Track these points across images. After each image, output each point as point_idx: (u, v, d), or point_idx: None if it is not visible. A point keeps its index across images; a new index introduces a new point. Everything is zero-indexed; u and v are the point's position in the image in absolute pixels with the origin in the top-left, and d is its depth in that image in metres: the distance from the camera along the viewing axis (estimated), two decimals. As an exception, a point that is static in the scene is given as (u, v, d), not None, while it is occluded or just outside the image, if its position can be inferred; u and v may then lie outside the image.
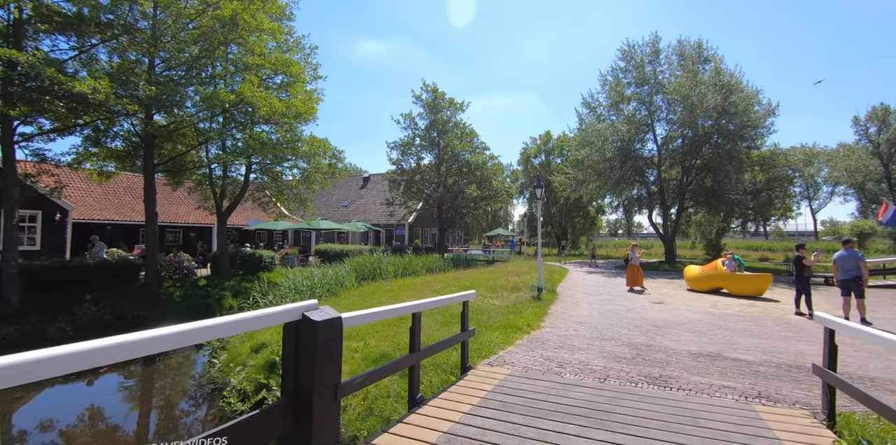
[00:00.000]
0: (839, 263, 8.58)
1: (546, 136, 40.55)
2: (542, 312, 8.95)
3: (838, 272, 8.60)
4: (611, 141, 23.92)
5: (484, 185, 26.64)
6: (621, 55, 25.75)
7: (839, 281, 8.62)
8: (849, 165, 43.81)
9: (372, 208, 34.68)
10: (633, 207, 28.16)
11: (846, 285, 8.53)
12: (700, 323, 8.24)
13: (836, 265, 8.64)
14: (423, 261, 18.69)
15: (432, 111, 27.05)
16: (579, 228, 43.37)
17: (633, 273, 13.40)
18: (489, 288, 12.28)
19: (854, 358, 6.00)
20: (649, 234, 72.81)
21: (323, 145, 14.84)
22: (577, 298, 11.50)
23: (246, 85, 10.92)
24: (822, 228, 67.13)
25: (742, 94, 21.83)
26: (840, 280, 8.58)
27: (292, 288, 10.90)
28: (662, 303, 10.86)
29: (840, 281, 8.59)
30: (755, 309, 10.11)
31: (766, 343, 6.76)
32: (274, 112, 11.41)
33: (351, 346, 6.14)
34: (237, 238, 28.36)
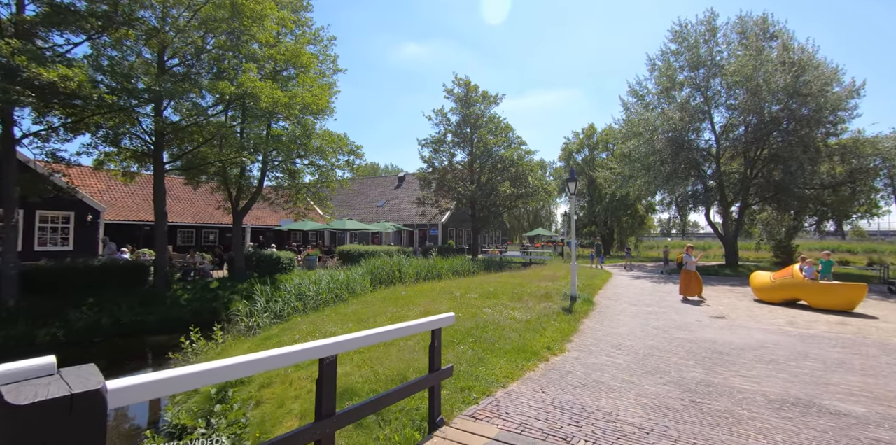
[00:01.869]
0: None
1: (590, 130, 38.06)
2: (570, 329, 7.44)
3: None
4: (661, 131, 21.60)
5: (519, 182, 24.97)
6: (672, 36, 23.29)
7: None
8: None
9: (406, 208, 33.92)
10: (688, 204, 25.46)
11: None
12: (776, 349, 6.43)
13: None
14: (450, 264, 17.46)
15: (465, 105, 25.74)
16: (627, 228, 40.43)
17: (688, 279, 11.48)
18: (515, 295, 10.85)
19: None
20: (706, 234, 67.67)
21: (339, 140, 13.98)
22: (618, 310, 9.82)
23: (246, 75, 10.20)
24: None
25: (817, 72, 18.91)
26: None
27: (295, 294, 10.04)
28: (724, 318, 8.98)
29: None
30: (848, 328, 8.03)
31: (874, 383, 4.95)
32: (276, 104, 10.63)
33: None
34: (273, 239, 28.48)
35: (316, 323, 7.95)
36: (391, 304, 9.65)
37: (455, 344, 5.95)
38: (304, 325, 7.78)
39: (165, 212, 12.10)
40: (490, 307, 9.17)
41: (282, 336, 7.14)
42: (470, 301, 10.04)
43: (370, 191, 39.75)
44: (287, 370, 5.15)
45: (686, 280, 11.45)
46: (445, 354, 5.44)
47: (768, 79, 18.98)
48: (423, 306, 9.22)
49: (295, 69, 12.30)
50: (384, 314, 8.49)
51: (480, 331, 6.74)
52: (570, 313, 8.78)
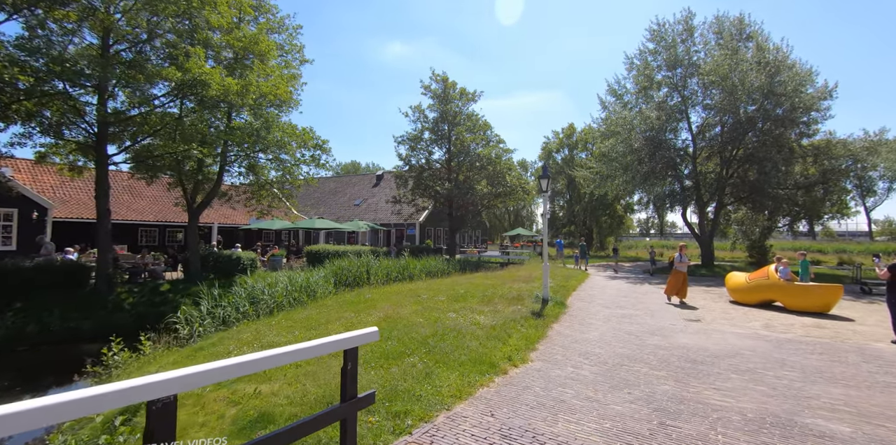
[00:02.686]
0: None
1: (569, 130, 37.93)
2: (537, 336, 6.91)
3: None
4: (638, 130, 21.42)
5: (497, 181, 24.50)
6: (650, 36, 23.14)
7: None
8: (913, 158, 39.23)
9: (383, 207, 33.17)
10: (665, 204, 25.39)
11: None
12: (752, 356, 6.02)
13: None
14: (423, 264, 16.84)
15: (442, 102, 25.12)
16: (606, 228, 40.50)
17: (677, 280, 10.88)
18: (484, 298, 10.31)
19: None
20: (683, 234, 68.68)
21: (304, 134, 13.20)
22: (591, 313, 9.36)
23: (193, 61, 9.38)
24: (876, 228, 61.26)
25: (791, 73, 18.95)
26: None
27: (246, 297, 9.26)
28: (699, 321, 8.60)
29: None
30: (825, 331, 7.73)
31: (858, 396, 4.54)
32: (228, 92, 9.82)
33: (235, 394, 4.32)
34: (242, 238, 27.35)
35: (261, 331, 7.24)
36: (350, 309, 8.98)
37: (405, 356, 5.34)
38: (246, 333, 7.07)
39: (108, 209, 11.14)
40: (456, 311, 8.60)
41: (217, 346, 6.42)
42: (436, 304, 9.44)
43: (347, 190, 38.83)
44: (206, 388, 4.47)
45: (676, 281, 10.87)
46: (390, 368, 4.83)
47: (744, 78, 18.94)
48: (383, 311, 8.58)
49: (254, 57, 11.48)
50: (339, 320, 7.82)
51: (437, 340, 6.14)
52: (539, 317, 8.27)
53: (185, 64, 9.45)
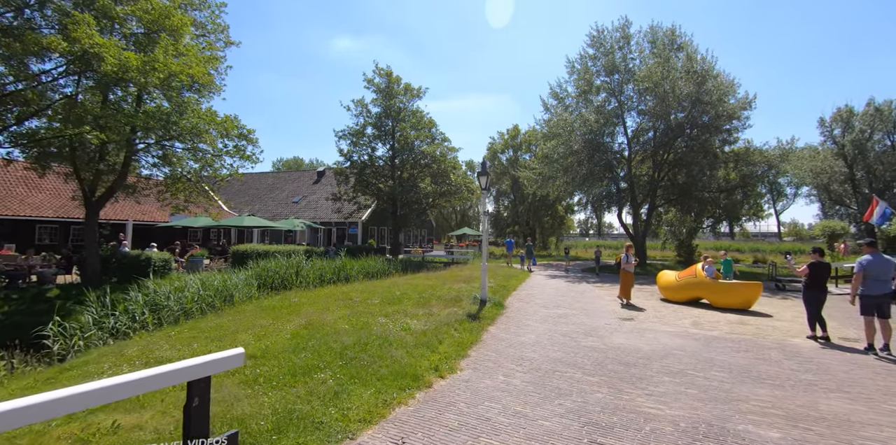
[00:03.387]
0: (874, 272, 6.41)
1: (514, 131, 38.43)
2: (471, 340, 6.47)
3: (868, 283, 6.42)
4: (578, 132, 21.90)
5: (441, 180, 24.11)
6: (590, 41, 23.75)
7: (867, 297, 6.43)
8: (814, 166, 43.66)
9: (324, 205, 31.70)
10: (603, 205, 26.30)
11: (877, 302, 6.38)
12: (683, 356, 5.94)
13: (864, 274, 6.46)
14: (362, 265, 16.03)
15: (386, 97, 24.33)
16: (548, 228, 41.52)
17: (628, 281, 10.61)
18: (421, 300, 9.78)
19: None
20: (620, 234, 72.22)
21: (226, 122, 11.97)
22: (529, 314, 9.11)
23: (82, 29, 8.01)
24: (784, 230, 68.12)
25: (716, 82, 20.15)
26: (870, 295, 6.40)
27: (147, 304, 8.08)
28: (632, 320, 8.61)
29: (868, 297, 6.41)
30: (747, 328, 7.95)
31: (783, 396, 4.49)
32: (127, 68, 8.53)
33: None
34: (165, 237, 24.89)
35: (155, 344, 6.22)
36: (269, 315, 8.08)
37: (317, 371, 4.67)
38: (135, 348, 6.02)
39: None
40: (388, 315, 7.99)
41: (91, 365, 5.36)
42: (368, 308, 8.77)
43: (285, 186, 36.82)
44: (51, 422, 3.55)
45: (627, 282, 10.58)
46: (294, 388, 4.14)
47: (674, 86, 19.87)
48: (306, 316, 7.79)
49: (165, 33, 10.15)
50: (252, 328, 6.95)
51: (359, 350, 5.51)
52: (475, 320, 7.86)
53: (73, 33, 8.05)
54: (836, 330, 7.67)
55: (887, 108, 40.11)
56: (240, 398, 3.87)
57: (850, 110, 42.18)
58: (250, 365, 4.94)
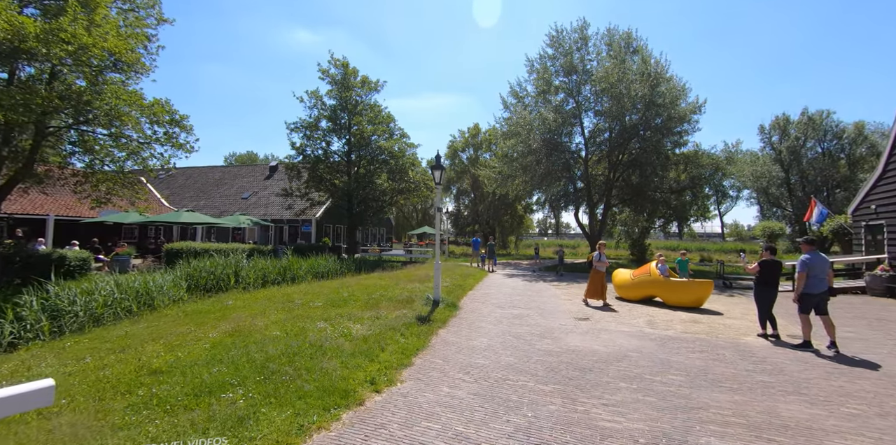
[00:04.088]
0: (813, 269, 6.40)
1: (474, 129, 38.24)
2: (418, 346, 5.91)
3: (808, 281, 6.42)
4: (537, 132, 21.85)
5: (399, 176, 23.38)
6: (549, 41, 23.81)
7: (806, 295, 6.41)
8: (755, 170, 46.41)
9: (276, 201, 30.13)
10: (561, 204, 26.50)
11: (816, 300, 6.38)
12: (640, 359, 5.66)
13: (806, 272, 6.43)
14: (311, 264, 15.09)
15: (342, 89, 23.31)
16: (508, 227, 41.69)
17: (599, 281, 10.06)
18: (371, 302, 9.11)
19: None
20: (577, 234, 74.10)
21: (155, 106, 10.76)
22: (483, 315, 8.66)
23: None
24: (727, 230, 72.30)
25: (669, 85, 20.66)
26: (811, 293, 6.39)
27: (46, 309, 6.93)
28: (588, 320, 8.35)
29: (810, 296, 6.39)
30: (701, 327, 7.87)
31: (743, 402, 4.23)
32: (24, 36, 7.29)
33: None
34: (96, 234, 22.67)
35: (40, 358, 5.22)
36: (193, 321, 7.17)
37: (229, 388, 3.95)
38: (7, 364, 5.01)
39: None
40: (329, 319, 7.29)
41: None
42: (308, 311, 8.02)
43: (235, 181, 34.81)
44: None
45: (598, 282, 10.07)
46: (190, 412, 3.41)
47: (629, 88, 20.17)
48: (235, 322, 6.94)
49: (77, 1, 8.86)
50: (167, 337, 6.05)
51: (285, 361, 4.82)
52: (426, 322, 7.30)
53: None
54: (783, 327, 7.72)
55: (819, 118, 43.17)
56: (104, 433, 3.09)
57: (786, 118, 45.10)
58: (147, 382, 4.14)
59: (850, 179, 40.75)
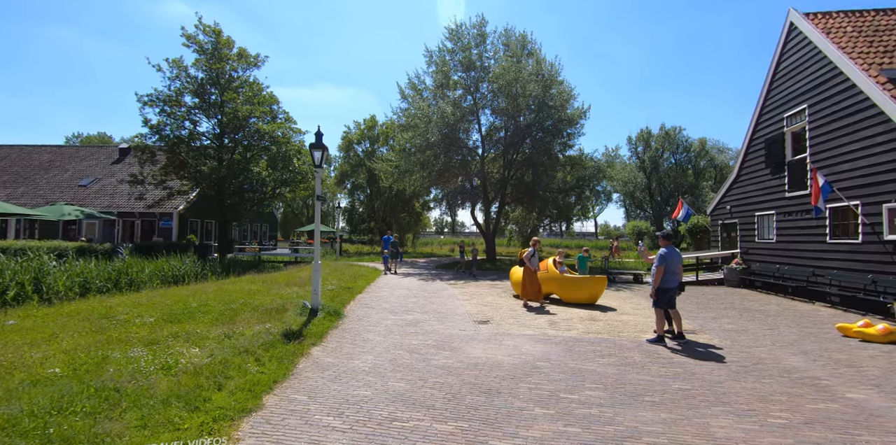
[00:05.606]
0: (670, 264, 6.23)
1: (371, 121, 36.40)
2: (276, 376, 4.39)
3: (665, 276, 6.27)
4: (435, 125, 21.06)
5: (282, 165, 20.72)
6: (448, 35, 23.27)
7: (664, 290, 6.27)
8: (623, 176, 51.97)
9: (126, 190, 24.91)
10: (457, 201, 26.21)
11: (671, 294, 6.29)
12: (551, 371, 4.88)
13: (664, 267, 6.23)
14: (159, 267, 12.20)
15: (213, 60, 19.86)
16: (405, 224, 40.61)
17: (533, 280, 9.26)
18: (228, 314, 7.20)
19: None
20: (472, 232, 76.13)
21: None
22: (372, 323, 7.34)
23: None
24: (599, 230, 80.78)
25: (560, 88, 21.43)
26: (667, 288, 6.26)
27: None
28: (489, 323, 7.54)
29: (665, 290, 6.26)
30: (600, 325, 7.54)
31: (671, 419, 3.60)
32: None
33: None
34: None
35: None
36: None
37: None
38: None
39: None
40: (155, 342, 5.33)
41: None
42: (129, 332, 5.89)
43: (69, 164, 28.22)
44: None
45: (532, 281, 9.29)
46: None
47: (524, 88, 20.42)
48: None
49: None
50: None
51: (32, 424, 2.97)
52: (295, 339, 5.74)
53: None
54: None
55: (673, 133, 49.88)
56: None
57: (648, 131, 51.28)
58: None
59: (695, 186, 47.70)
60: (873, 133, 8.74)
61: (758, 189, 13.38)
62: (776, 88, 12.47)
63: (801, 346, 6.16)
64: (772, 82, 12.65)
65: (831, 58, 9.94)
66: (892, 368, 5.14)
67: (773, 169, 12.57)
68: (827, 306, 9.68)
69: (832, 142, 9.97)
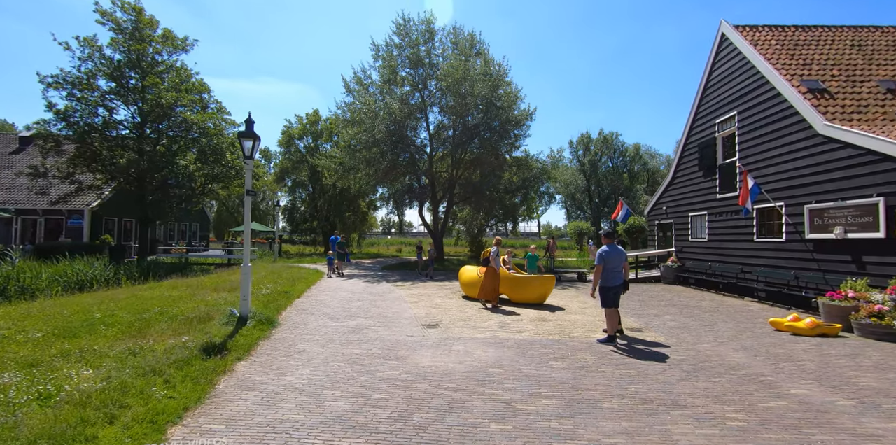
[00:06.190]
0: (609, 262, 6.21)
1: (314, 116, 34.77)
2: (187, 401, 3.71)
3: (606, 275, 6.24)
4: (382, 122, 20.39)
5: (213, 159, 19.06)
6: (396, 29, 22.67)
7: (606, 289, 6.24)
8: (565, 178, 53.87)
9: (26, 184, 21.85)
10: (405, 200, 25.66)
11: (614, 293, 6.27)
12: (505, 378, 4.56)
13: (605, 264, 6.21)
14: (60, 271, 10.64)
15: (132, 40, 17.85)
16: (350, 224, 39.26)
17: (494, 281, 9.05)
18: (136, 325, 6.25)
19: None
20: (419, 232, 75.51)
21: None
22: (310, 331, 6.68)
23: None
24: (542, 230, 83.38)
25: (508, 89, 21.55)
26: (609, 286, 6.23)
27: None
28: (438, 327, 7.15)
29: (608, 289, 6.24)
30: (551, 325, 7.40)
31: (632, 427, 3.39)
32: None
33: None
34: None
35: None
36: None
37: None
38: None
39: None
40: (38, 364, 4.41)
41: None
42: (3, 351, 4.86)
43: (-47, 155, 24.33)
44: None
45: (494, 282, 9.06)
46: None
47: (473, 87, 20.30)
48: None
49: None
50: None
51: None
52: (217, 354, 5.01)
53: None
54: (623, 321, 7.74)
55: (611, 138, 52.36)
56: None
57: (588, 136, 53.49)
58: None
59: (630, 189, 50.41)
60: (796, 139, 9.38)
61: (691, 191, 14.10)
62: (708, 95, 13.18)
63: (741, 342, 6.34)
64: (705, 89, 13.37)
65: (759, 68, 10.60)
66: (825, 361, 5.36)
67: (705, 172, 13.28)
68: (755, 301, 10.28)
69: (759, 146, 10.63)
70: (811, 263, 8.98)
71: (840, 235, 8.17)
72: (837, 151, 8.33)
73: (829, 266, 8.52)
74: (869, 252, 7.67)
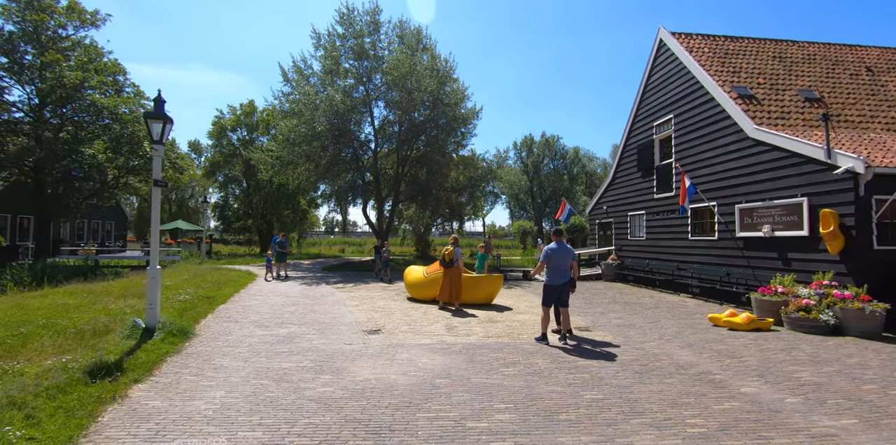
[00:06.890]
0: (555, 260, 6.04)
1: (249, 107, 32.49)
2: (57, 441, 2.89)
3: (550, 273, 6.10)
4: (323, 114, 19.32)
5: (126, 148, 17.02)
6: (339, 18, 21.67)
7: (549, 287, 6.10)
8: (509, 179, 54.88)
9: None
10: (348, 197, 24.62)
11: (558, 292, 6.12)
12: (453, 391, 4.12)
13: (549, 262, 6.06)
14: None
15: (27, 9, 15.47)
16: (289, 222, 37.21)
17: (457, 280, 8.72)
18: (11, 341, 5.17)
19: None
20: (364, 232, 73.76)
21: None
22: (231, 342, 5.86)
23: None
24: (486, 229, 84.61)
25: (455, 86, 21.30)
26: (552, 285, 6.09)
27: None
28: (380, 332, 6.59)
29: (551, 287, 6.10)
30: (500, 327, 7.09)
31: (593, 442, 3.07)
32: None
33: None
34: None
35: None
36: None
37: None
38: None
39: None
40: None
41: None
42: None
43: None
44: None
45: (455, 282, 8.66)
46: None
47: (420, 83, 19.81)
48: None
49: None
50: None
51: None
52: (108, 376, 4.12)
53: None
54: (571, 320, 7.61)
55: (552, 140, 54.08)
56: None
57: (531, 138, 54.89)
58: None
59: (570, 190, 52.31)
60: (728, 142, 9.84)
61: (630, 191, 14.56)
62: (647, 99, 13.65)
63: (684, 338, 6.38)
64: (644, 93, 13.84)
65: (694, 73, 11.05)
66: (765, 356, 5.46)
67: (643, 173, 13.74)
68: (690, 297, 10.69)
69: (694, 148, 11.09)
70: (742, 260, 9.44)
71: (768, 233, 8.61)
72: (766, 154, 8.79)
73: (759, 263, 8.98)
74: (794, 249, 8.13)
